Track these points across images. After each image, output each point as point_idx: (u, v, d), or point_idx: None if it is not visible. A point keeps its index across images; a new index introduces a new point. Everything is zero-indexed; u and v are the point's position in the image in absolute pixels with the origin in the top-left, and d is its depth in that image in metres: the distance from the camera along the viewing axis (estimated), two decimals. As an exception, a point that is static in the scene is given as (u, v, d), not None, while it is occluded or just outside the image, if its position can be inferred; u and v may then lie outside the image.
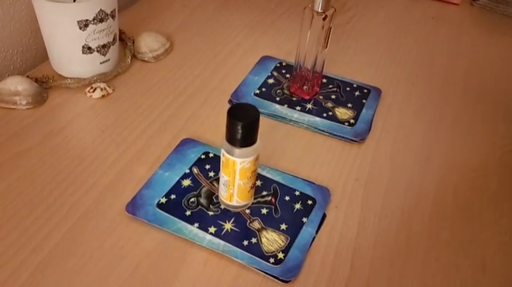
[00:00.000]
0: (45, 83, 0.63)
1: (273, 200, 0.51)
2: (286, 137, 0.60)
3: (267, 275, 0.45)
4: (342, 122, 0.62)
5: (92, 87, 0.63)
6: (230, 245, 0.46)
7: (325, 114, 0.63)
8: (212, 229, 0.48)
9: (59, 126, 0.58)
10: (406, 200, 0.53)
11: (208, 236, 0.47)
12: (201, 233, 0.47)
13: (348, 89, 0.68)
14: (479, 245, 0.49)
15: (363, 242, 0.49)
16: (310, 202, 0.51)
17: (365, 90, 0.68)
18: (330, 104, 0.65)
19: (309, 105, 0.64)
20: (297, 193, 0.52)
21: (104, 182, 0.52)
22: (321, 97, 0.66)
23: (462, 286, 0.46)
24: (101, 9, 0.60)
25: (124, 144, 0.57)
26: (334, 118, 0.62)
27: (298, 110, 0.63)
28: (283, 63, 0.72)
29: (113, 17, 0.62)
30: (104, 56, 0.64)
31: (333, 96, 0.66)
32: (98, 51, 0.63)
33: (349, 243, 0.48)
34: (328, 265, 0.46)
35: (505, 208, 0.53)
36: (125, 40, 0.71)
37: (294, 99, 0.65)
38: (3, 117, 0.59)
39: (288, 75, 0.69)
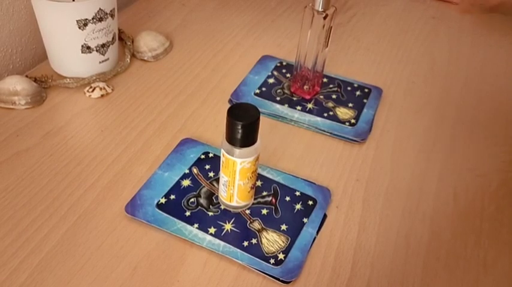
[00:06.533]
0: (44, 83, 0.63)
1: (274, 200, 0.51)
2: (287, 137, 0.60)
3: (267, 276, 0.44)
4: (342, 121, 0.62)
5: (91, 87, 0.63)
6: (230, 245, 0.46)
7: (325, 114, 0.63)
8: (212, 230, 0.47)
9: (58, 126, 0.58)
10: (407, 200, 0.53)
11: (208, 237, 0.47)
12: (200, 233, 0.47)
13: (348, 88, 0.67)
14: (480, 245, 0.49)
15: (364, 242, 0.48)
16: (310, 202, 0.51)
17: (366, 90, 0.67)
18: (330, 104, 0.64)
19: (310, 105, 0.64)
20: (298, 193, 0.52)
21: (103, 183, 0.52)
22: (321, 97, 0.65)
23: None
24: (100, 9, 0.59)
25: (123, 144, 0.57)
26: (334, 118, 0.62)
27: (298, 109, 0.63)
28: (284, 63, 0.71)
29: (112, 16, 0.62)
30: (103, 55, 0.64)
31: (334, 96, 0.66)
32: (97, 50, 0.63)
33: (350, 243, 0.48)
34: (329, 265, 0.46)
35: (505, 207, 0.53)
36: (124, 39, 0.71)
37: (295, 99, 0.65)
38: (2, 117, 0.58)
39: (288, 75, 0.69)
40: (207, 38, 0.76)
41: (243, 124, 0.42)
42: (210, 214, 0.49)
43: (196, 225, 0.48)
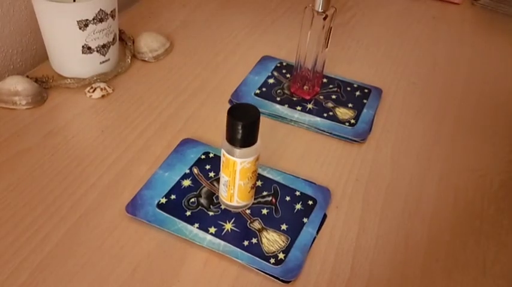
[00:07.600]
0: (45, 83, 0.63)
1: (274, 200, 0.51)
2: (287, 137, 0.60)
3: (268, 276, 0.44)
4: (342, 122, 0.62)
5: (91, 87, 0.63)
6: (230, 245, 0.46)
7: (325, 114, 0.63)
8: (212, 229, 0.47)
9: (59, 126, 0.58)
10: (407, 201, 0.53)
11: (209, 237, 0.47)
12: (201, 233, 0.47)
13: (348, 89, 0.67)
14: (479, 246, 0.49)
15: (364, 242, 0.48)
16: (310, 202, 0.51)
17: (366, 90, 0.67)
18: (330, 104, 0.64)
19: (310, 105, 0.64)
20: (298, 193, 0.52)
21: (103, 182, 0.52)
22: (321, 97, 0.66)
23: (463, 287, 0.46)
24: (100, 9, 0.59)
25: (124, 144, 0.57)
26: (334, 118, 0.62)
27: (298, 110, 0.63)
28: (284, 63, 0.72)
29: (112, 16, 0.62)
30: (104, 56, 0.64)
31: (334, 96, 0.66)
32: (97, 51, 0.63)
33: (349, 243, 0.48)
34: (329, 265, 0.46)
35: (506, 208, 0.53)
36: (124, 40, 0.71)
37: (295, 99, 0.65)
38: (2, 117, 0.59)
39: (288, 75, 0.69)
40: (207, 39, 0.77)
41: (243, 124, 0.42)
42: (211, 213, 0.49)
43: (196, 225, 0.48)
